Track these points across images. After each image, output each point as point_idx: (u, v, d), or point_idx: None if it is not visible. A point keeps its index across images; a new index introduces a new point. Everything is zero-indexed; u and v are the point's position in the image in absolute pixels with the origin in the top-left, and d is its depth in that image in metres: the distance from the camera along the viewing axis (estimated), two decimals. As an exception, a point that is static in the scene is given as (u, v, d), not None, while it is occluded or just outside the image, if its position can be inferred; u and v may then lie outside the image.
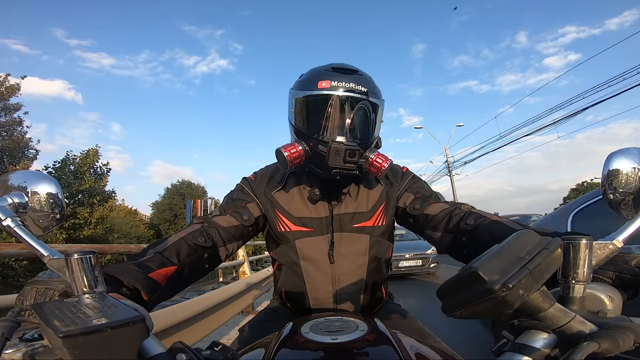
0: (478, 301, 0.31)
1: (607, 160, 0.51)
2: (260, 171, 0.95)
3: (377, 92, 0.81)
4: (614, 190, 0.50)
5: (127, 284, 0.55)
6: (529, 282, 0.31)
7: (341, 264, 0.83)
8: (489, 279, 0.30)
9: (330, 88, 0.76)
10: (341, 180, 0.82)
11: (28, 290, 0.46)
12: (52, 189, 0.54)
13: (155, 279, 0.61)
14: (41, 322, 0.33)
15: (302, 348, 0.49)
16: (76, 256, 0.40)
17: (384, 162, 0.76)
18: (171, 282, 0.65)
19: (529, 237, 0.34)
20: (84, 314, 0.34)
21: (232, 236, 0.84)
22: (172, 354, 0.34)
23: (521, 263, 0.31)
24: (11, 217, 0.48)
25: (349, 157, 0.73)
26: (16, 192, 0.52)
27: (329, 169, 0.75)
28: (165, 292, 0.63)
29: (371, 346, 0.49)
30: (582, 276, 0.36)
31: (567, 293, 0.37)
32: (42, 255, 0.45)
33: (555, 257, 0.33)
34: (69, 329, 0.31)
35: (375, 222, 0.87)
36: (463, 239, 0.73)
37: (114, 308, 0.36)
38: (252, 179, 0.92)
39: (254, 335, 0.72)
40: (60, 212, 0.54)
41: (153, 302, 0.58)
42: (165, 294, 0.63)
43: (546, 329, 0.34)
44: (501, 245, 0.33)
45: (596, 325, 0.34)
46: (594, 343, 0.30)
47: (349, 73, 0.79)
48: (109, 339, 0.32)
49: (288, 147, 0.77)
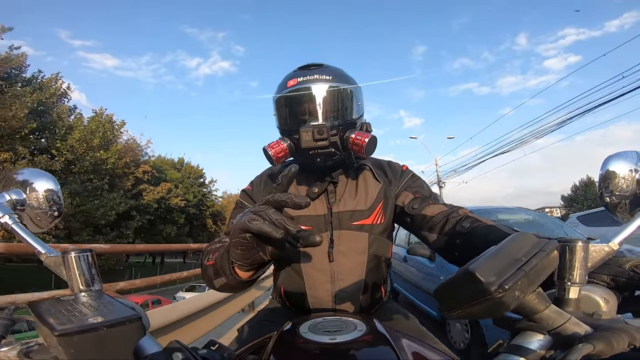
0: (474, 302, 0.31)
1: (604, 163, 0.51)
2: (256, 179, 0.97)
3: (345, 78, 0.87)
4: (610, 193, 0.50)
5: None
6: (525, 284, 0.31)
7: (340, 262, 0.84)
8: (486, 280, 0.30)
9: (297, 84, 0.83)
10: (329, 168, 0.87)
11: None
12: (50, 185, 0.53)
13: None
14: (37, 320, 0.33)
15: (300, 348, 0.49)
16: (73, 254, 0.39)
17: (363, 138, 0.80)
18: None
19: (526, 239, 0.34)
20: (80, 312, 0.34)
21: None
22: (169, 353, 0.34)
23: (517, 265, 0.31)
24: (9, 214, 0.48)
25: (318, 135, 0.78)
26: (14, 189, 0.51)
27: (306, 153, 0.81)
28: None
29: (369, 346, 0.49)
30: (578, 278, 0.36)
31: (563, 295, 0.37)
32: (40, 252, 0.44)
33: (551, 259, 0.33)
34: (65, 327, 0.31)
35: (374, 220, 0.87)
36: (457, 241, 0.73)
37: (111, 306, 0.36)
38: (249, 189, 0.94)
39: (252, 334, 0.72)
40: (58, 209, 0.54)
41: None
42: None
43: (541, 330, 0.34)
44: (498, 247, 0.33)
45: (591, 327, 0.34)
46: (589, 345, 0.30)
47: (314, 68, 0.86)
48: (105, 338, 0.31)
49: (272, 144, 0.83)
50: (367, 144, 0.80)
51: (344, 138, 0.82)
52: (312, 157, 0.82)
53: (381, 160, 0.98)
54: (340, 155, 0.84)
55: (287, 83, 0.85)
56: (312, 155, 0.81)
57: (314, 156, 0.82)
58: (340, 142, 0.82)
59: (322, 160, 0.83)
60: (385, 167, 0.95)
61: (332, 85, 0.83)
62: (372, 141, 0.81)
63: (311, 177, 0.89)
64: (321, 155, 0.82)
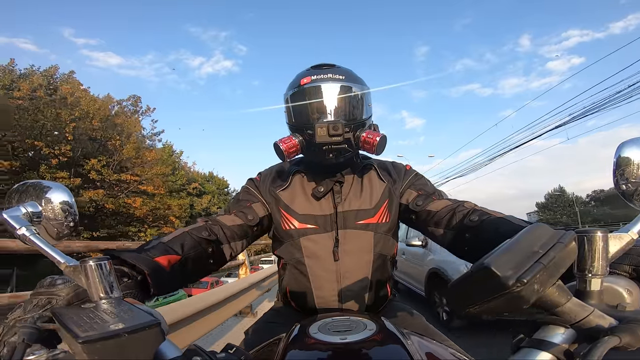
0: (491, 297, 0.30)
1: (618, 150, 0.49)
2: (265, 171, 0.98)
3: (356, 79, 0.89)
4: (626, 181, 0.48)
5: (129, 271, 0.56)
6: (544, 277, 0.30)
7: (346, 261, 0.84)
8: (503, 275, 0.29)
9: (311, 82, 0.85)
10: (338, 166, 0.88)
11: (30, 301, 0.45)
12: (65, 197, 0.55)
13: (160, 263, 0.62)
14: (61, 327, 0.34)
15: (311, 349, 0.49)
16: (92, 263, 0.40)
17: (375, 137, 0.81)
18: (175, 271, 0.66)
19: (542, 230, 0.33)
20: (102, 319, 0.35)
21: (236, 235, 0.85)
22: (188, 357, 0.34)
23: (535, 257, 0.31)
24: (26, 227, 0.49)
25: (333, 131, 0.79)
26: (30, 202, 0.53)
27: (320, 148, 0.82)
28: (169, 280, 0.63)
29: (381, 345, 0.49)
30: (599, 269, 0.35)
31: (584, 287, 0.36)
32: (59, 262, 0.46)
33: (569, 251, 0.32)
34: (88, 334, 0.31)
35: (380, 219, 0.87)
36: (466, 235, 0.72)
37: (130, 313, 0.36)
38: (257, 179, 0.96)
39: (260, 337, 0.72)
40: (73, 219, 0.55)
41: (158, 287, 0.59)
42: (169, 283, 0.63)
43: (564, 323, 0.33)
44: (513, 240, 0.33)
45: (616, 319, 0.33)
46: (615, 337, 0.29)
47: (326, 67, 0.88)
48: (126, 344, 0.32)
49: (284, 139, 0.84)
50: (379, 143, 0.81)
51: (355, 136, 0.83)
52: (325, 152, 0.83)
53: (385, 161, 0.99)
54: (351, 152, 0.85)
55: (301, 81, 0.86)
56: (325, 151, 0.82)
57: (327, 152, 0.83)
58: (352, 140, 0.83)
59: (334, 156, 0.84)
60: (389, 167, 0.96)
61: (345, 85, 0.85)
62: (383, 140, 0.82)
63: (317, 176, 0.91)
64: (334, 151, 0.83)
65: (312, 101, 0.85)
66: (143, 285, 0.57)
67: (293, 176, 0.93)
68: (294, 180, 0.92)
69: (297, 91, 0.86)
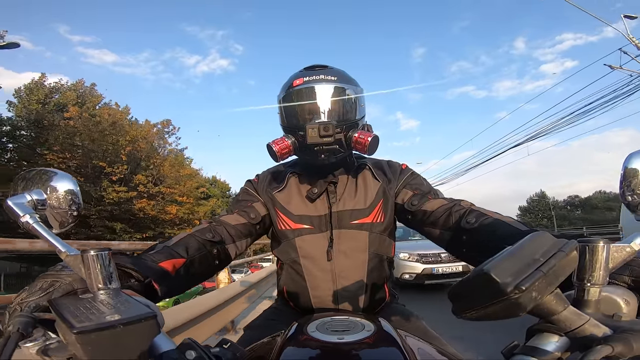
0: (490, 303, 0.30)
1: (626, 161, 0.49)
2: (262, 173, 0.99)
3: (349, 80, 0.89)
4: (632, 192, 0.48)
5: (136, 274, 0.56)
6: (543, 285, 0.30)
7: (341, 261, 0.84)
8: (502, 281, 0.29)
9: (304, 83, 0.85)
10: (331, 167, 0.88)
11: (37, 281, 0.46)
12: (70, 186, 0.54)
13: (165, 268, 0.63)
14: (56, 317, 0.34)
15: (308, 347, 0.49)
16: (92, 252, 0.40)
17: (366, 137, 0.81)
18: (181, 274, 0.67)
19: (544, 239, 0.33)
20: (98, 310, 0.35)
21: (241, 233, 0.87)
22: (182, 351, 0.34)
23: (535, 265, 0.30)
24: (30, 214, 0.49)
25: (324, 132, 0.79)
26: (35, 190, 0.53)
27: (312, 149, 0.82)
28: (175, 283, 0.65)
29: (377, 346, 0.49)
30: (599, 279, 0.35)
31: (582, 296, 0.36)
32: (60, 251, 0.45)
33: (570, 260, 0.32)
34: (83, 325, 0.31)
35: (374, 219, 0.87)
36: (464, 238, 0.72)
37: (127, 304, 0.36)
38: (255, 180, 0.97)
39: (258, 334, 0.72)
40: (77, 209, 0.55)
41: (165, 292, 0.60)
42: (176, 286, 0.65)
43: (558, 331, 0.33)
44: (515, 247, 0.33)
45: (610, 328, 0.33)
46: (607, 346, 0.29)
47: (319, 68, 0.88)
48: (121, 335, 0.32)
49: (277, 141, 0.85)
50: (370, 143, 0.81)
51: (347, 137, 0.83)
52: (317, 153, 0.83)
53: (380, 160, 0.99)
54: (343, 153, 0.85)
55: (293, 82, 0.86)
56: (317, 152, 0.82)
57: (318, 152, 0.83)
58: (344, 140, 0.83)
59: (326, 157, 0.84)
60: (385, 166, 0.96)
61: (337, 86, 0.85)
62: (375, 140, 0.82)
63: (312, 177, 0.91)
64: (326, 151, 0.83)
65: (304, 102, 0.85)
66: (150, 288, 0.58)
67: (289, 178, 0.93)
68: (290, 181, 0.93)
69: (290, 92, 0.86)
